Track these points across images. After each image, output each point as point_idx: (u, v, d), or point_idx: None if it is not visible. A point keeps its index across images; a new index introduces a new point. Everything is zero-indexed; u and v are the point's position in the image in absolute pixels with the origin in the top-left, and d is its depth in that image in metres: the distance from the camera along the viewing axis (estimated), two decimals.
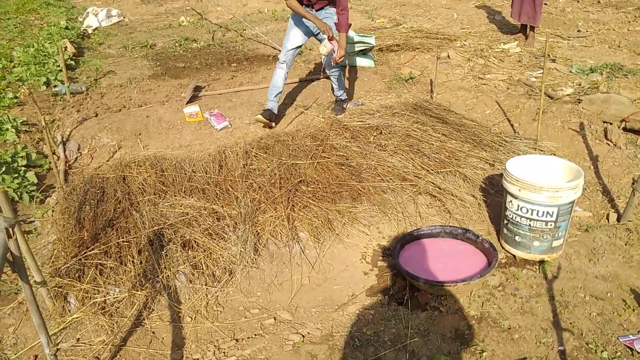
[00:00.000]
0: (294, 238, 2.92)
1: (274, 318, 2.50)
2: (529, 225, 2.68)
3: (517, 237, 2.76)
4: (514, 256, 2.85)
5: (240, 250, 2.76)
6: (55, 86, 5.23)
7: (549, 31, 6.32)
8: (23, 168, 3.64)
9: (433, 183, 3.33)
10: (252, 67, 5.83)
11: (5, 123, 4.13)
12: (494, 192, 3.31)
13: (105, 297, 2.49)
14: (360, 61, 5.59)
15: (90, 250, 2.70)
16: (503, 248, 2.91)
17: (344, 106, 4.64)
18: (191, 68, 5.95)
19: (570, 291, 2.50)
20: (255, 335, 2.40)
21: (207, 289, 2.62)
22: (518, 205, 2.68)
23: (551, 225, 2.64)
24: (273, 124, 4.36)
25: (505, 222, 2.82)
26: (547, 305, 2.45)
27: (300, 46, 4.30)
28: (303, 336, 2.37)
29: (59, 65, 5.46)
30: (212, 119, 4.49)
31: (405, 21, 7.25)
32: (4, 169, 3.44)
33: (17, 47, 6.35)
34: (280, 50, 6.28)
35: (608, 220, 3.09)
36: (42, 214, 3.26)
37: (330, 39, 3.98)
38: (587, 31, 6.28)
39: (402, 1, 8.52)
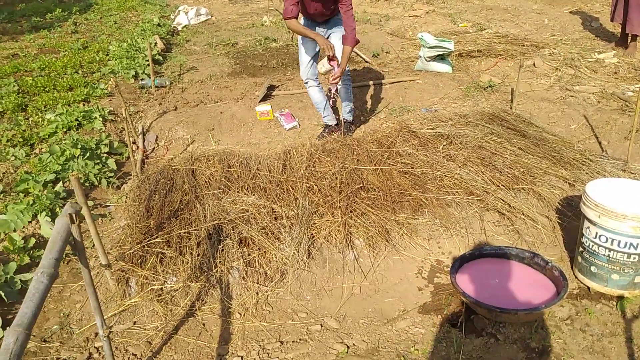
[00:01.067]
0: (349, 245, 2.87)
1: (321, 324, 2.47)
2: (608, 256, 2.41)
3: (593, 268, 2.51)
4: (588, 288, 2.58)
5: (294, 252, 2.75)
6: (142, 79, 5.59)
7: None
8: (105, 155, 3.92)
9: (503, 200, 3.12)
10: None
11: (95, 112, 4.47)
12: (572, 215, 3.03)
13: (162, 285, 2.59)
14: (437, 66, 5.41)
15: (154, 238, 2.83)
16: (576, 277, 2.65)
17: (351, 128, 4.33)
18: (268, 67, 6.08)
19: None
20: (300, 339, 2.38)
21: (258, 287, 2.65)
22: (596, 233, 2.43)
23: (634, 258, 2.36)
24: (338, 133, 4.10)
25: (581, 249, 2.57)
26: (623, 348, 2.20)
27: (315, 56, 4.02)
28: (348, 347, 2.31)
29: (147, 60, 5.82)
30: (281, 119, 4.55)
31: (490, 26, 6.91)
32: (88, 154, 3.72)
33: (114, 42, 6.87)
34: (356, 53, 6.28)
35: None
36: (116, 200, 3.48)
37: (330, 58, 3.66)
38: None
39: (489, 5, 8.14)
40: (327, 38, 3.90)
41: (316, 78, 4.09)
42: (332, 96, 3.81)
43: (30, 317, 1.38)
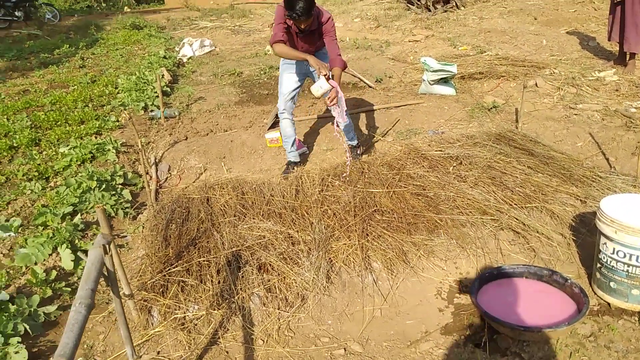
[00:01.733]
0: (367, 268, 2.89)
1: (344, 349, 2.47)
2: (627, 271, 2.44)
3: (612, 284, 2.52)
4: (609, 304, 2.59)
5: (313, 277, 2.77)
6: (152, 111, 5.70)
7: None
8: (120, 186, 3.97)
9: (516, 218, 3.15)
10: None
11: (108, 144, 4.55)
12: (586, 232, 3.06)
13: (185, 313, 2.61)
14: (441, 89, 5.51)
15: (173, 267, 2.86)
16: (595, 294, 2.67)
17: (358, 152, 4.34)
18: (274, 95, 6.19)
19: None
20: None
21: (279, 313, 2.66)
22: (614, 249, 2.45)
23: None
24: (297, 168, 4.04)
25: (599, 265, 2.59)
26: None
27: (297, 89, 4.00)
28: None
29: (156, 92, 5.94)
30: None
31: (489, 48, 7.06)
32: (104, 186, 3.78)
33: (121, 75, 7.02)
34: (359, 78, 6.42)
35: None
36: (133, 230, 3.52)
37: (327, 78, 3.47)
38: None
39: (487, 28, 8.32)
40: (314, 72, 3.79)
41: (292, 112, 4.08)
42: (335, 124, 3.78)
43: (72, 347, 1.41)
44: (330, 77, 3.49)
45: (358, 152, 4.40)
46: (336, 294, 2.78)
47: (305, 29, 3.60)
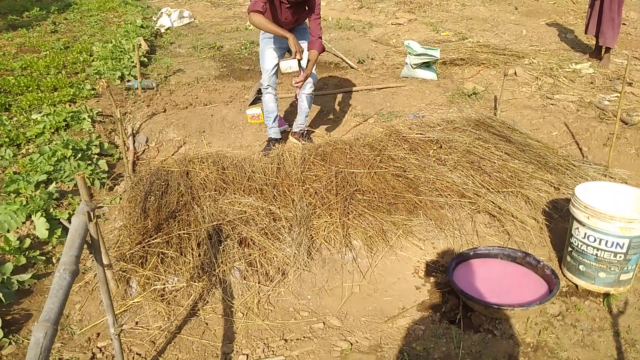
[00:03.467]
0: (347, 245, 2.93)
1: (323, 323, 2.51)
2: (596, 255, 2.55)
3: (581, 267, 2.64)
4: (576, 286, 2.72)
5: (294, 253, 2.80)
6: (128, 81, 5.54)
7: (628, 53, 6.01)
8: (96, 156, 3.87)
9: (493, 202, 3.24)
10: None
11: (83, 113, 4.42)
12: (558, 217, 3.18)
13: (164, 284, 2.60)
14: (423, 73, 5.55)
15: (153, 239, 2.83)
16: (565, 276, 2.78)
17: (310, 136, 4.32)
18: (255, 71, 6.11)
19: (638, 329, 2.36)
20: (304, 337, 2.42)
21: (259, 287, 2.68)
22: (585, 234, 2.56)
23: (620, 257, 2.50)
24: (278, 145, 4.04)
25: (570, 249, 2.70)
26: (611, 341, 2.33)
27: (278, 64, 3.84)
28: (351, 344, 2.37)
29: (133, 62, 5.77)
30: None
31: (471, 35, 7.13)
32: (79, 155, 3.68)
33: (96, 42, 6.78)
34: (342, 59, 6.38)
35: None
36: (110, 201, 3.45)
37: (299, 59, 3.51)
38: None
39: (469, 15, 8.38)
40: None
41: (275, 87, 4.02)
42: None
43: (56, 312, 1.39)
44: (305, 60, 3.54)
45: (309, 134, 4.33)
46: (316, 270, 2.81)
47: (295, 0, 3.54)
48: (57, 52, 6.45)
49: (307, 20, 3.91)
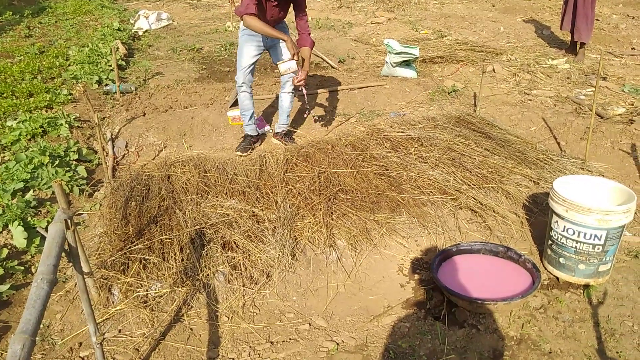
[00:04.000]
0: (332, 245, 2.93)
1: (309, 324, 2.51)
2: (575, 247, 2.59)
3: (561, 259, 2.68)
4: (557, 278, 2.76)
5: (279, 254, 2.79)
6: (106, 85, 5.45)
7: (602, 48, 6.14)
8: (74, 162, 3.81)
9: (474, 198, 3.27)
10: None
11: (60, 118, 4.34)
12: (538, 211, 3.23)
13: (147, 291, 2.56)
14: (403, 72, 5.58)
15: (134, 245, 2.79)
16: (545, 269, 2.83)
17: (293, 137, 4.38)
18: (235, 72, 6.06)
19: (617, 319, 2.41)
20: (290, 339, 2.41)
21: (244, 290, 2.66)
22: (564, 227, 2.60)
23: (599, 248, 2.55)
24: (257, 145, 4.21)
25: (550, 242, 2.74)
26: (592, 332, 2.37)
27: (255, 62, 3.98)
28: (337, 344, 2.37)
29: (110, 65, 5.68)
30: None
31: (449, 33, 7.19)
32: (57, 162, 3.61)
33: (73, 46, 6.66)
34: (322, 58, 6.38)
35: None
36: (90, 208, 3.39)
37: (298, 63, 3.62)
38: None
39: (447, 13, 8.46)
40: (277, 44, 3.90)
41: (250, 85, 4.04)
42: (306, 103, 3.96)
43: (34, 323, 1.36)
44: (300, 59, 3.68)
45: (291, 135, 4.38)
46: (301, 271, 2.80)
47: None
48: (32, 57, 6.32)
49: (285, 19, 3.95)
